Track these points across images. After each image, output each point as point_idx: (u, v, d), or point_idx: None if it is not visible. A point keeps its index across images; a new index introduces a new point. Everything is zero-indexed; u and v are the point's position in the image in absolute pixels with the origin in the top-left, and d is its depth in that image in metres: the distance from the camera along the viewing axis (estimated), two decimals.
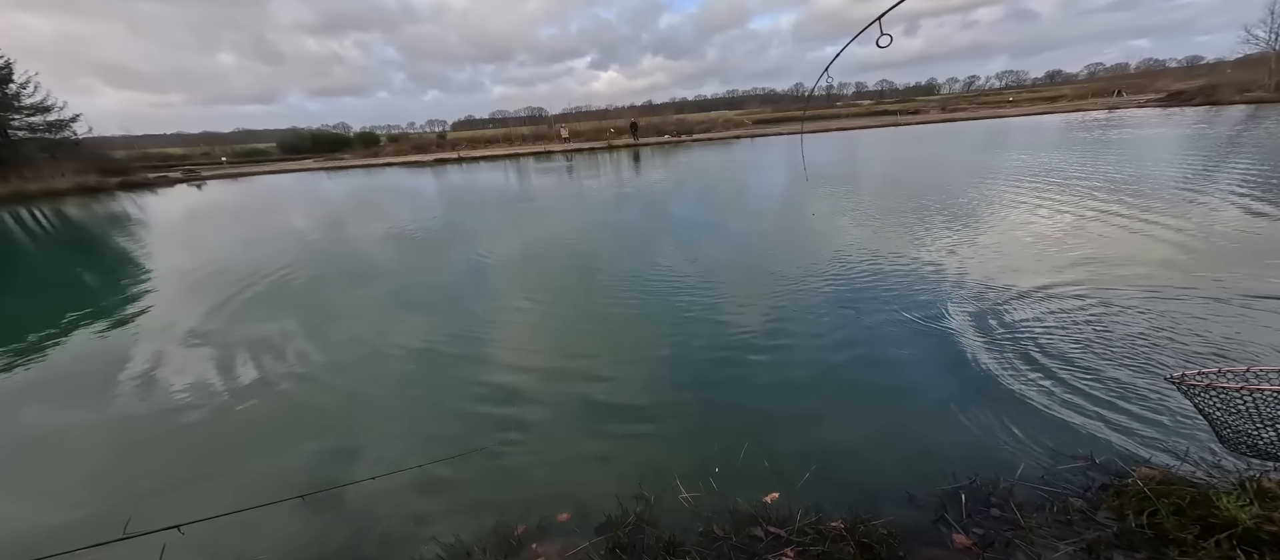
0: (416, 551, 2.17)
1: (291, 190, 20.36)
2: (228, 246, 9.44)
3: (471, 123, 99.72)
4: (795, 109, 60.79)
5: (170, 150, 56.65)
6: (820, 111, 60.03)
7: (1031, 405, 2.91)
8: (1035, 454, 2.52)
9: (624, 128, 35.82)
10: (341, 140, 50.16)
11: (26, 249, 11.70)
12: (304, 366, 4.17)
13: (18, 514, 2.63)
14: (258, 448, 3.04)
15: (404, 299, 5.72)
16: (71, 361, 4.64)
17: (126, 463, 2.97)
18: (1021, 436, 2.65)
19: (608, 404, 3.30)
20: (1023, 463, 2.45)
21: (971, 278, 4.99)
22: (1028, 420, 2.77)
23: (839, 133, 31.56)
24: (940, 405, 2.99)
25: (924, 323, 4.08)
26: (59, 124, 32.55)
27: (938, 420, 2.87)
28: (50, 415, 3.68)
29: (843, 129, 34.26)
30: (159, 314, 5.73)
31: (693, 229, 8.46)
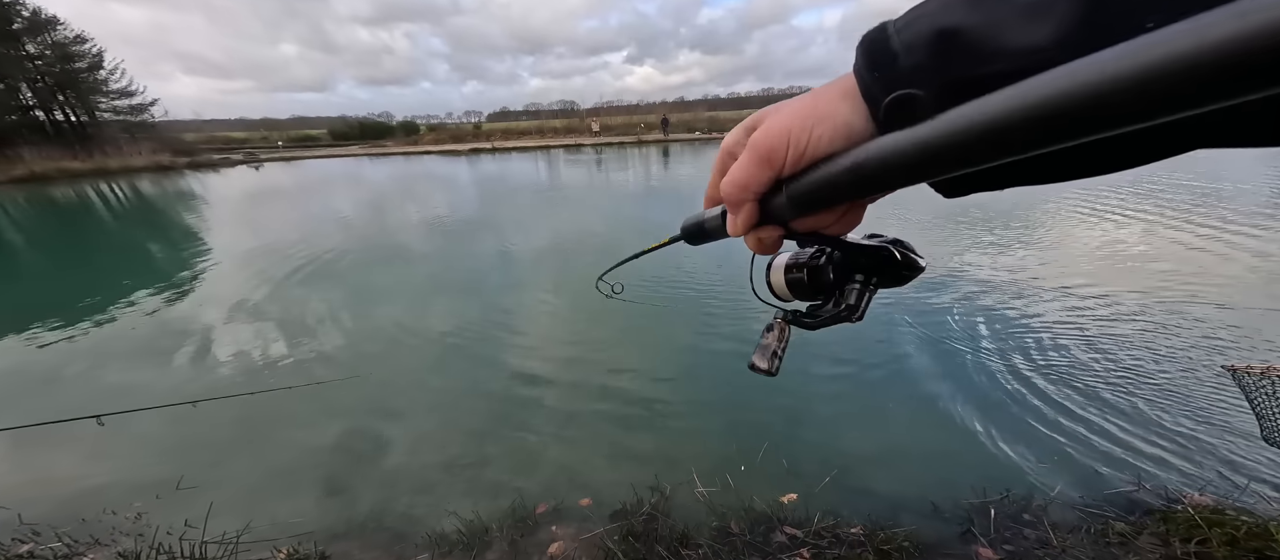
0: (438, 525, 2.22)
1: (338, 174, 21.19)
2: (279, 227, 9.91)
3: (506, 114, 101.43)
4: None
5: (233, 134, 60.33)
6: None
7: (1075, 425, 2.71)
8: (1076, 474, 2.36)
9: (654, 123, 35.62)
10: (385, 129, 52.00)
11: (105, 221, 12.64)
12: (341, 344, 4.33)
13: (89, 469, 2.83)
14: (294, 419, 3.16)
15: (437, 284, 5.85)
16: (136, 329, 4.97)
17: (180, 425, 3.14)
18: (1062, 456, 2.49)
19: (627, 396, 3.27)
20: (1061, 482, 2.29)
21: (1017, 286, 4.70)
22: (1070, 440, 2.60)
23: None
24: (972, 419, 2.83)
25: (962, 332, 3.87)
26: (140, 107, 35.06)
27: (969, 434, 2.72)
28: (120, 375, 3.96)
29: None
30: (215, 288, 6.07)
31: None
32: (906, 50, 0.26)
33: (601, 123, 38.06)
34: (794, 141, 0.29)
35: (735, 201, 0.33)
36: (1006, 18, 0.23)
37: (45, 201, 16.48)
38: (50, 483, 2.57)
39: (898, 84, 0.26)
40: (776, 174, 0.31)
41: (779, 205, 0.32)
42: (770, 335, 0.39)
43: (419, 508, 2.36)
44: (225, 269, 6.85)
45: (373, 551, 2.09)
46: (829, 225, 0.35)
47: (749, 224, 0.33)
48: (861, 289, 0.37)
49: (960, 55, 0.24)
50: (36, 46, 31.08)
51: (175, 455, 2.76)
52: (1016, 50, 0.23)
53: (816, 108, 0.29)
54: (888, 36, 0.27)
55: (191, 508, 2.29)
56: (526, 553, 2.08)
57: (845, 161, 0.28)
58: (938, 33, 0.25)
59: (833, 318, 0.38)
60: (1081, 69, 0.18)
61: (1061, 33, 0.21)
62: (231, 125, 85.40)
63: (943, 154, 0.23)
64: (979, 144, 0.21)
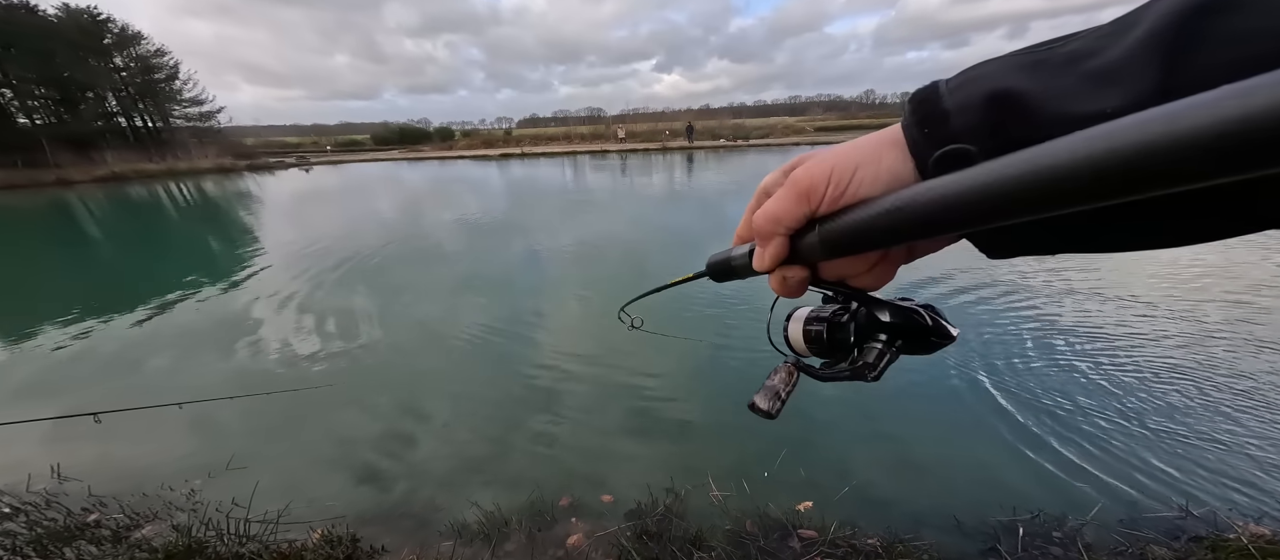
0: (460, 515, 2.25)
1: (378, 177, 22.03)
2: (324, 226, 10.37)
3: (535, 121, 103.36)
4: (864, 116, 56.79)
5: (287, 139, 63.63)
6: (891, 118, 56.58)
7: (1115, 443, 2.54)
8: (1117, 497, 2.20)
9: (679, 130, 35.55)
10: (423, 134, 53.83)
11: (174, 219, 13.52)
12: (375, 337, 4.48)
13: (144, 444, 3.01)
14: (331, 409, 3.28)
15: (466, 283, 5.97)
16: (195, 317, 5.28)
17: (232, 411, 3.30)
18: (1100, 476, 2.33)
19: (646, 399, 3.25)
20: (1100, 504, 2.15)
21: (1057, 295, 4.44)
22: (1109, 459, 2.43)
23: None
24: (1002, 433, 2.69)
25: (994, 343, 3.68)
26: (207, 114, 37.62)
27: (998, 449, 2.58)
28: (176, 360, 4.21)
29: None
30: (266, 282, 6.39)
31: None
32: (959, 110, 0.25)
33: (627, 129, 38.22)
34: (836, 179, 0.28)
35: (766, 234, 0.32)
36: (1070, 85, 0.22)
37: (123, 199, 17.77)
38: (116, 460, 2.74)
39: (947, 142, 0.25)
40: (813, 211, 0.30)
41: (810, 245, 0.31)
42: (777, 377, 0.37)
43: (442, 497, 2.40)
44: (276, 265, 7.21)
45: (399, 537, 2.14)
46: (857, 275, 0.33)
47: (777, 259, 0.32)
48: (882, 350, 0.34)
49: (1015, 119, 0.23)
50: (123, 59, 33.65)
51: (228, 439, 2.91)
52: (1077, 116, 0.21)
53: (862, 151, 0.29)
54: (939, 95, 0.26)
55: (239, 487, 2.40)
56: (543, 547, 2.09)
57: (884, 204, 0.26)
58: (992, 94, 0.24)
59: (846, 374, 0.36)
60: (1157, 117, 0.16)
61: (1133, 100, 0.20)
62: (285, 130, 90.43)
63: (990, 202, 0.21)
64: (1032, 193, 0.19)
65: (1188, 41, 0.19)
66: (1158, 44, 0.20)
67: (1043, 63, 0.24)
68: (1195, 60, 0.19)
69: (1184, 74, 0.19)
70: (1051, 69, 0.23)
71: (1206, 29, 0.19)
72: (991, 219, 0.22)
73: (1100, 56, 0.22)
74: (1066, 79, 0.22)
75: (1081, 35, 0.24)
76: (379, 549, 2.03)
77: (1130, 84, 0.20)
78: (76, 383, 3.82)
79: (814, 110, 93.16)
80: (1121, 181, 0.17)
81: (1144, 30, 0.21)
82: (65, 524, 2.09)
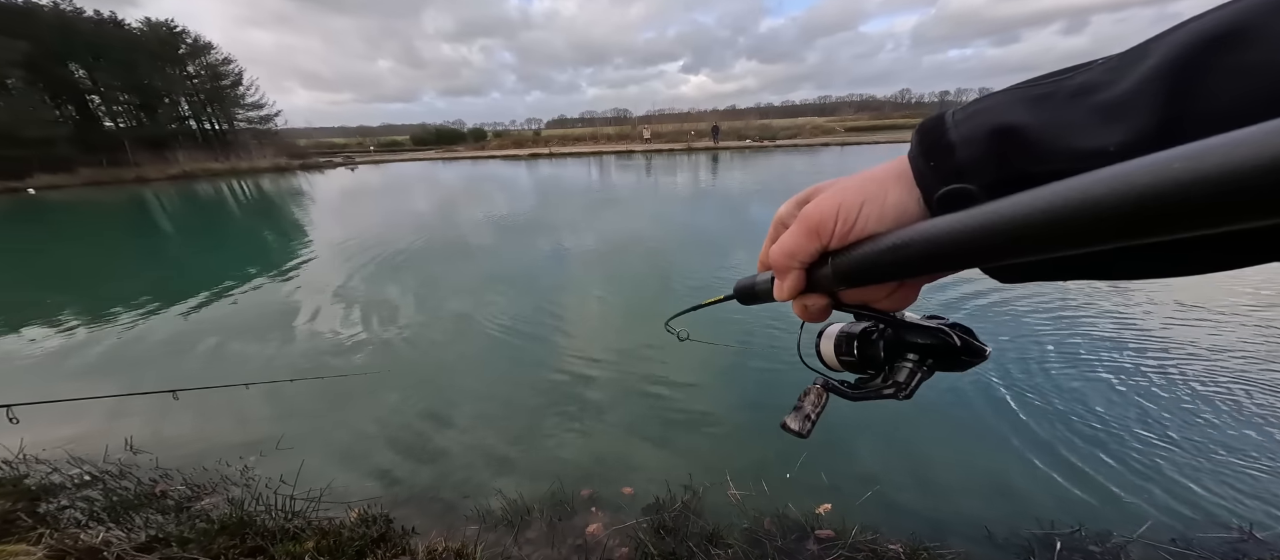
0: (485, 502, 2.31)
1: (416, 175, 22.80)
2: (367, 222, 10.82)
3: (563, 121, 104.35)
4: (898, 116, 54.19)
5: (334, 140, 66.79)
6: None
7: (1167, 457, 2.36)
8: (1169, 514, 2.05)
9: (705, 130, 35.14)
10: (457, 135, 55.37)
11: (234, 213, 14.41)
12: (411, 328, 4.64)
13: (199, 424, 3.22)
14: (370, 395, 3.40)
15: (495, 278, 6.10)
16: (249, 305, 5.61)
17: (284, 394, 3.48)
18: (1153, 492, 2.17)
19: (667, 396, 3.24)
20: (1150, 521, 2.00)
21: (1106, 298, 4.16)
22: (1160, 478, 2.26)
23: None
24: (1039, 447, 2.53)
25: (1036, 354, 3.45)
26: (267, 118, 39.95)
27: (1034, 463, 2.44)
28: (235, 344, 4.48)
29: None
30: (314, 273, 6.73)
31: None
32: (963, 143, 0.25)
33: (652, 130, 38.01)
34: (843, 216, 0.29)
35: (782, 268, 0.33)
36: (1074, 119, 0.22)
37: (192, 195, 19.06)
38: (181, 434, 2.94)
39: (951, 175, 0.26)
40: (824, 245, 0.30)
41: (825, 276, 0.31)
42: (806, 399, 0.36)
43: (469, 484, 2.47)
44: (323, 258, 7.58)
45: (428, 519, 2.21)
46: (878, 300, 0.34)
47: (794, 291, 0.33)
48: (913, 369, 0.34)
49: (1018, 153, 0.23)
50: (195, 68, 36.09)
51: (278, 419, 3.07)
52: (1080, 152, 0.21)
53: (867, 187, 0.29)
54: (945, 127, 0.27)
55: (286, 465, 2.54)
56: (563, 536, 2.11)
57: (888, 241, 0.27)
58: (996, 129, 0.24)
59: (877, 393, 0.35)
60: (1140, 168, 0.16)
61: (1134, 136, 0.20)
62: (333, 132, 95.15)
63: (989, 243, 0.21)
64: (1029, 236, 0.19)
65: (1195, 75, 0.19)
66: (1165, 78, 0.19)
67: (1050, 96, 0.23)
68: (1201, 96, 0.18)
69: (1190, 110, 0.19)
70: (1057, 102, 0.23)
71: (1214, 63, 0.18)
72: (990, 259, 0.22)
73: (1108, 90, 0.21)
74: (1072, 113, 0.22)
75: (1092, 66, 0.23)
76: (410, 530, 2.10)
77: (1134, 119, 0.20)
78: (148, 361, 4.13)
79: (845, 110, 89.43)
80: (1116, 228, 0.16)
81: (1152, 64, 0.20)
82: (136, 493, 2.26)
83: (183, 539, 1.77)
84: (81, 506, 2.13)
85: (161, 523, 1.95)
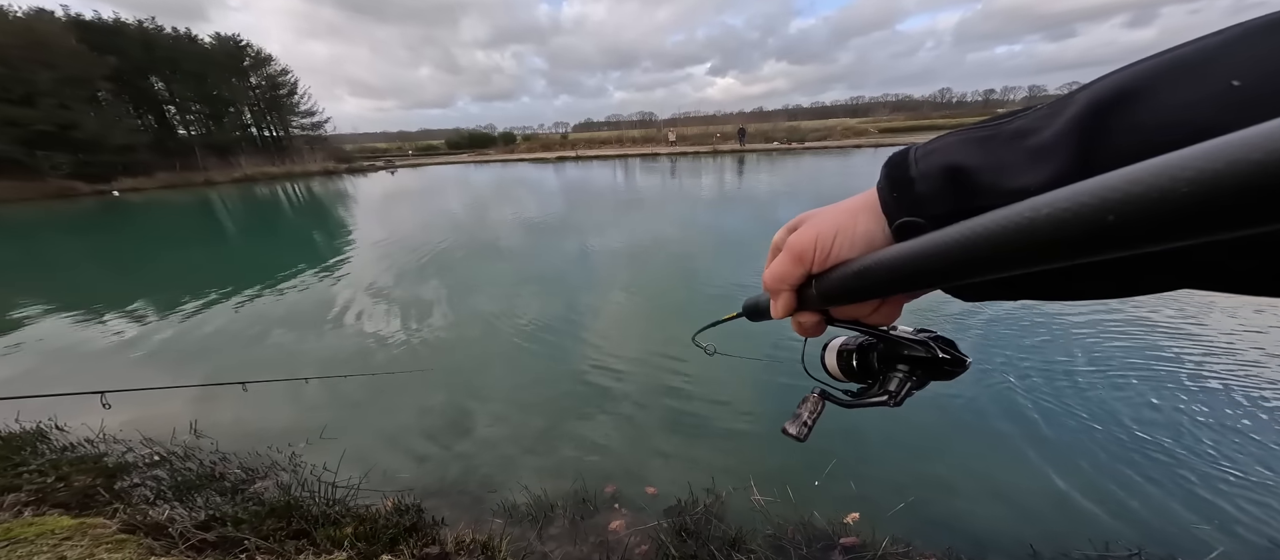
0: (510, 496, 2.34)
1: (450, 178, 23.53)
2: (405, 222, 11.25)
3: (589, 125, 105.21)
4: (937, 116, 51.36)
5: (377, 145, 69.91)
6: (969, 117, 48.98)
7: (1239, 480, 2.15)
8: (1245, 543, 1.86)
9: (731, 133, 34.64)
10: (489, 139, 56.76)
11: (288, 214, 15.28)
12: (445, 327, 4.78)
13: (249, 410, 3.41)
14: (406, 390, 3.51)
15: (523, 278, 6.21)
16: (298, 301, 5.92)
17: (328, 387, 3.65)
18: (1232, 515, 1.98)
19: (694, 400, 3.20)
20: (1221, 548, 1.82)
21: (1165, 319, 3.83)
22: (1231, 499, 2.06)
23: None
24: (1094, 459, 2.36)
25: (1097, 368, 3.21)
26: (318, 124, 42.18)
27: (1087, 480, 2.27)
28: (287, 337, 4.74)
29: None
30: (356, 271, 7.04)
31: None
32: (921, 178, 0.28)
33: (678, 133, 37.69)
34: (820, 246, 0.32)
35: (773, 290, 0.37)
36: (1009, 160, 0.25)
37: (251, 197, 20.35)
38: (239, 421, 3.13)
39: (910, 207, 0.29)
40: (807, 270, 0.34)
41: (811, 296, 0.34)
42: (804, 406, 0.40)
43: (496, 479, 2.51)
44: (364, 256, 7.92)
45: (457, 511, 2.26)
46: (866, 316, 0.36)
47: (786, 310, 0.37)
48: (903, 379, 0.37)
49: (963, 190, 0.27)
50: (256, 78, 38.52)
51: (322, 411, 3.21)
52: (1009, 190, 0.24)
53: (841, 218, 0.33)
54: (909, 163, 0.30)
55: (328, 454, 2.66)
56: (585, 533, 2.11)
57: (855, 266, 0.30)
58: (947, 168, 0.27)
59: (869, 401, 0.38)
60: (1025, 208, 0.19)
61: (1053, 176, 0.23)
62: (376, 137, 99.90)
63: (930, 268, 0.24)
64: (959, 262, 0.22)
65: (1099, 127, 0.22)
66: (1077, 128, 0.22)
67: (993, 138, 0.26)
68: (1104, 144, 0.22)
69: (1096, 155, 0.22)
70: (998, 143, 0.26)
71: (1112, 119, 0.21)
72: (937, 281, 0.25)
73: (1037, 135, 0.24)
74: (1008, 154, 0.25)
75: (1031, 112, 0.26)
76: (439, 521, 2.15)
77: (1054, 163, 0.23)
78: (212, 350, 4.42)
79: (879, 111, 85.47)
80: (1027, 254, 0.19)
81: (1070, 114, 0.23)
82: (198, 474, 2.42)
83: (237, 520, 1.87)
84: (150, 485, 2.30)
85: (219, 503, 2.08)
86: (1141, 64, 0.22)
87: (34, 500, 2.01)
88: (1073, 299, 0.28)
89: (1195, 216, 0.14)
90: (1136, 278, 0.24)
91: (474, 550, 1.89)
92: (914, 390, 0.37)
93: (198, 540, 1.70)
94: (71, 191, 23.88)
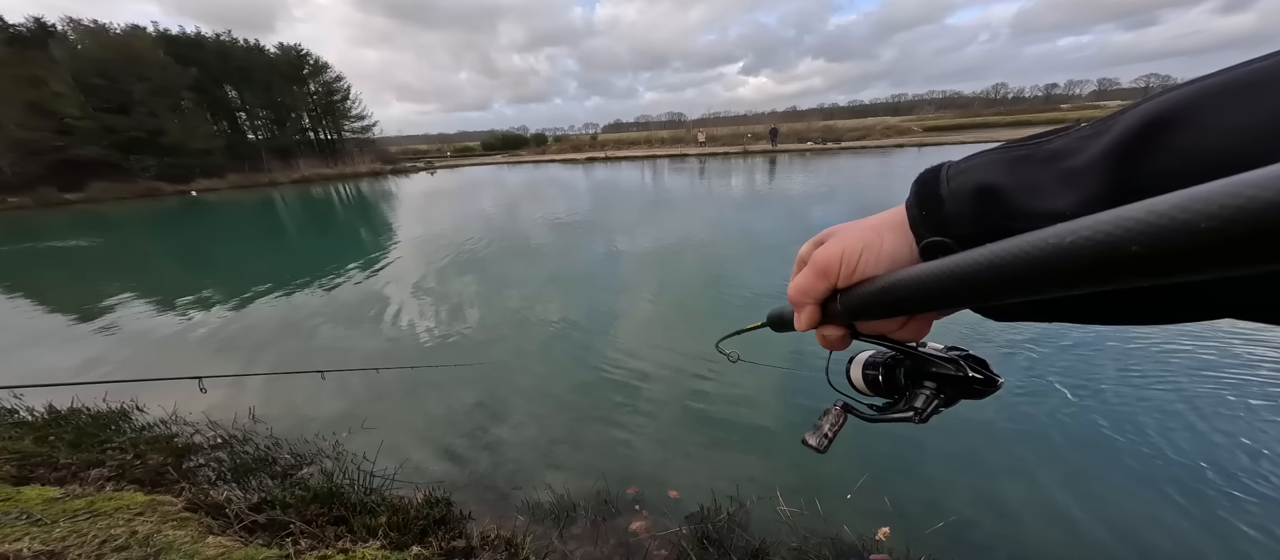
0: (534, 494, 2.37)
1: (485, 178, 24.24)
2: (442, 221, 11.68)
3: (619, 126, 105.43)
4: (989, 113, 47.24)
5: (419, 146, 73.13)
6: (1026, 114, 44.44)
7: None
8: None
9: (762, 133, 33.80)
10: (521, 140, 58.14)
11: (339, 212, 16.21)
12: (477, 324, 4.92)
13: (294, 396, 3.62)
14: (440, 386, 3.60)
15: (552, 279, 6.30)
16: (347, 295, 6.25)
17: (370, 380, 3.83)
18: None
19: (718, 406, 3.14)
20: None
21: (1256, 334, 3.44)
22: None
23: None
24: (1176, 494, 2.14)
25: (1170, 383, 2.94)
26: (367, 127, 44.50)
27: (1167, 512, 2.06)
28: (329, 331, 5.01)
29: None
30: (398, 268, 7.36)
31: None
32: (951, 197, 0.28)
33: (707, 133, 37.06)
34: (845, 262, 0.32)
35: (798, 303, 0.36)
36: (1042, 182, 0.24)
37: (308, 196, 21.74)
38: (291, 408, 3.34)
39: (937, 227, 0.29)
40: (832, 285, 0.33)
41: (836, 311, 0.34)
42: (825, 418, 0.39)
43: (521, 477, 2.55)
44: (405, 253, 8.28)
45: (483, 506, 2.31)
46: (892, 332, 0.36)
47: (810, 323, 0.36)
48: (930, 396, 0.36)
49: (994, 210, 0.26)
50: (314, 85, 41.11)
51: (363, 402, 3.36)
52: (1040, 213, 0.24)
53: (867, 235, 0.32)
54: (939, 181, 0.29)
55: (367, 444, 2.78)
56: (606, 535, 2.11)
57: (880, 284, 0.30)
58: (979, 187, 0.27)
59: (894, 416, 0.37)
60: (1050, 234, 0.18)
61: (1083, 202, 0.22)
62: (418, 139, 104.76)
63: (958, 289, 0.24)
64: (988, 284, 0.22)
65: (1139, 153, 0.21)
66: (1114, 153, 0.22)
67: (1027, 158, 0.26)
68: (1139, 171, 0.21)
69: (1129, 182, 0.21)
70: (1033, 164, 0.25)
71: (1151, 145, 0.21)
72: (961, 302, 0.25)
73: (1072, 158, 0.24)
74: (1042, 176, 0.24)
75: (1069, 132, 0.25)
76: (467, 515, 2.21)
77: (1086, 187, 0.22)
78: (276, 340, 4.74)
79: (923, 108, 79.61)
80: (1048, 279, 0.19)
81: (1108, 139, 0.22)
82: (253, 457, 2.59)
83: (285, 503, 1.99)
84: (213, 466, 2.48)
85: (270, 487, 2.21)
86: (1187, 87, 0.21)
87: (114, 475, 2.21)
88: (1104, 324, 0.27)
89: (1216, 252, 0.14)
90: (1174, 307, 0.23)
91: (498, 546, 1.93)
92: (941, 408, 0.36)
93: (250, 522, 1.82)
94: (157, 191, 26.30)
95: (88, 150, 26.19)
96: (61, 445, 2.53)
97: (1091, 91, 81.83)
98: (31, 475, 2.17)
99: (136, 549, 1.44)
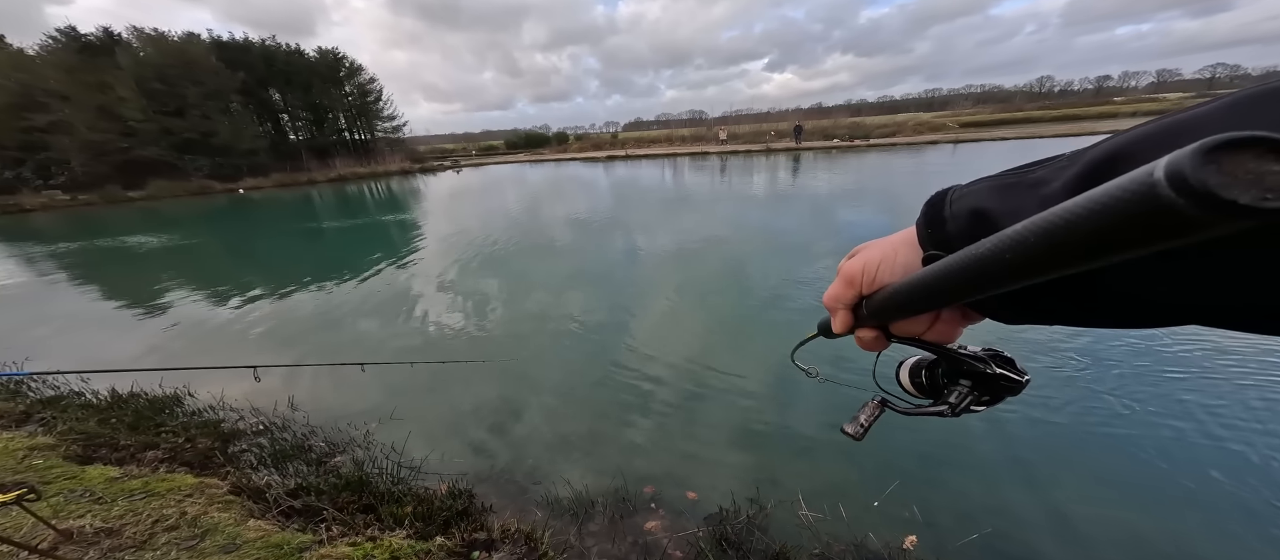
0: (552, 489, 2.39)
1: (508, 177, 24.59)
2: (467, 218, 11.92)
3: (639, 124, 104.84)
4: (1032, 108, 42.81)
5: (445, 145, 74.97)
6: (1074, 108, 40.35)
7: None
8: None
9: (786, 130, 33.01)
10: (543, 139, 58.64)
11: (371, 208, 16.78)
12: (500, 321, 4.99)
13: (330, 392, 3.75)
14: (465, 381, 3.67)
15: (573, 277, 6.33)
16: (377, 290, 6.45)
17: (399, 373, 3.94)
18: None
19: (739, 406, 3.09)
20: None
21: None
22: None
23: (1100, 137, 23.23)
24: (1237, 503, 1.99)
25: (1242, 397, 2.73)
26: (397, 127, 45.92)
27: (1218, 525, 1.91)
28: (361, 324, 5.19)
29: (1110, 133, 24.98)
30: (425, 264, 7.55)
31: (857, 240, 7.36)
32: (952, 219, 0.32)
33: (729, 131, 36.39)
34: (867, 271, 0.37)
35: (832, 309, 0.41)
36: (1024, 206, 0.27)
37: (343, 194, 22.63)
38: (325, 398, 3.47)
39: (938, 243, 0.32)
40: (858, 292, 0.38)
41: (864, 315, 0.39)
42: (863, 410, 0.42)
43: (541, 472, 2.57)
44: (431, 250, 8.49)
45: (504, 499, 2.34)
46: (921, 333, 0.39)
47: (844, 326, 0.41)
48: (964, 393, 0.39)
49: (983, 231, 0.28)
50: (350, 87, 42.69)
51: (393, 394, 3.46)
52: None
53: (885, 249, 0.37)
54: (944, 204, 0.33)
55: (395, 435, 2.86)
56: (623, 533, 2.10)
57: (891, 289, 0.35)
58: (974, 211, 0.31)
59: (927, 410, 0.40)
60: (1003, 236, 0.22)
61: None
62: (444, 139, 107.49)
63: (939, 290, 0.28)
64: (956, 284, 0.26)
65: (1097, 182, 0.23)
66: (1079, 181, 0.25)
67: (1015, 186, 0.29)
68: None
69: None
70: (1018, 192, 0.28)
71: (1105, 176, 0.23)
72: (947, 300, 0.29)
73: (1048, 186, 0.27)
74: (1024, 201, 0.28)
75: (1053, 162, 0.28)
76: (488, 508, 2.24)
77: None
78: (317, 331, 4.95)
79: (959, 103, 74.20)
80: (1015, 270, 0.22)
81: (1076, 170, 0.25)
82: (292, 445, 2.71)
83: (319, 490, 2.06)
84: (254, 451, 2.61)
85: (305, 473, 2.31)
86: (1145, 127, 0.24)
87: (167, 458, 2.35)
88: (1085, 325, 0.30)
89: (1079, 249, 0.19)
90: (1136, 313, 0.26)
91: (518, 539, 1.95)
92: (977, 406, 0.39)
93: (287, 506, 1.89)
94: (208, 189, 27.89)
95: (148, 151, 27.99)
96: (122, 427, 2.71)
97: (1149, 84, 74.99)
98: (95, 455, 2.34)
99: (186, 529, 1.52)
